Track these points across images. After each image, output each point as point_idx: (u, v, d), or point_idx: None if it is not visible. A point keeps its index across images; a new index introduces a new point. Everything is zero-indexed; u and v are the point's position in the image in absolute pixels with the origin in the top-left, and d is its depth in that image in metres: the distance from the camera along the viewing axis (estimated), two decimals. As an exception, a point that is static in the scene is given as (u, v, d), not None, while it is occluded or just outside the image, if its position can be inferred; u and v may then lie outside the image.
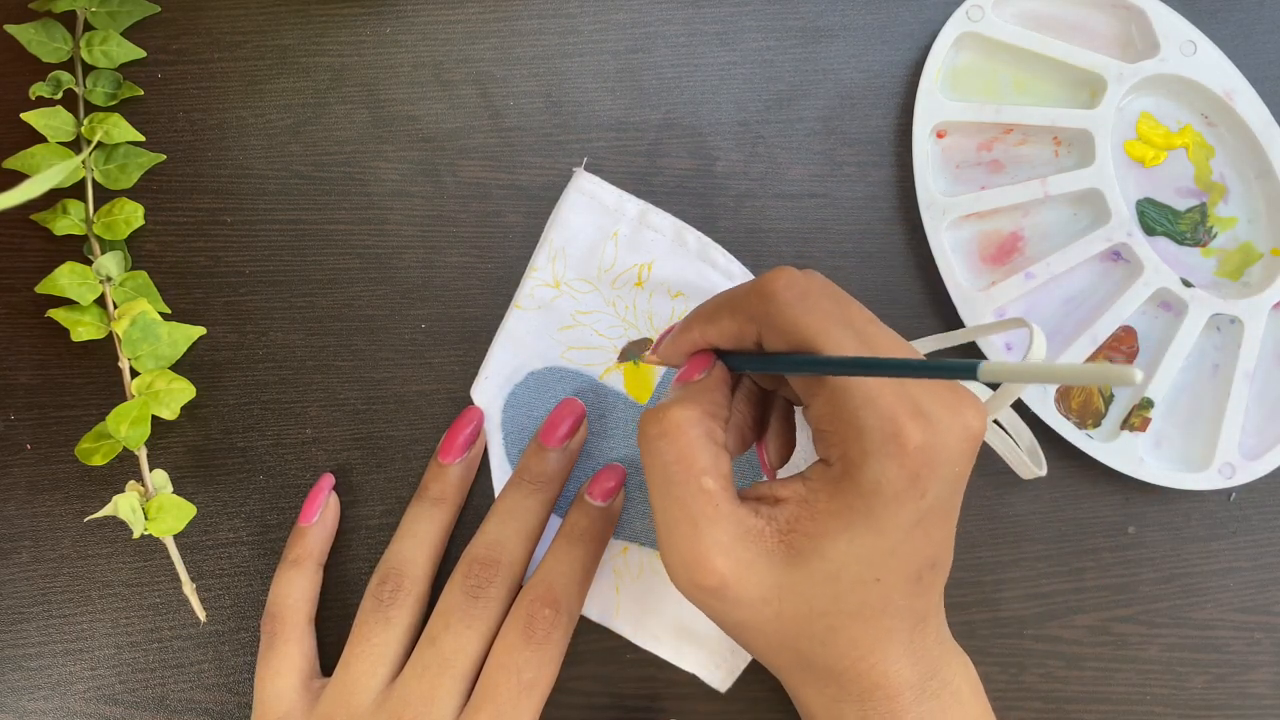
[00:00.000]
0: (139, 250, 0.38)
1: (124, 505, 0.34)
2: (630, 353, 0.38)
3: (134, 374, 0.36)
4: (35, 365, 0.38)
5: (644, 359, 0.37)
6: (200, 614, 0.36)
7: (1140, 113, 0.39)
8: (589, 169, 0.39)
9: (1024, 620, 0.38)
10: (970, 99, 0.39)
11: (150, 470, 0.36)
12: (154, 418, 0.36)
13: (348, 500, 0.37)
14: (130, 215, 0.37)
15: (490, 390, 0.38)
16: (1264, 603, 0.38)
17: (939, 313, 0.39)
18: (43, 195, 0.33)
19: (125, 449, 0.35)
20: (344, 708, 0.32)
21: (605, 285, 0.38)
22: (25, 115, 0.36)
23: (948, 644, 0.30)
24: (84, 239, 0.38)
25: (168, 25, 0.39)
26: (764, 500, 0.28)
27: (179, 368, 0.37)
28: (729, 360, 0.30)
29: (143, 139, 0.38)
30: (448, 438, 0.36)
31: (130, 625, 0.37)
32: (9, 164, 0.37)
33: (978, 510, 0.38)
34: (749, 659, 0.36)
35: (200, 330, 0.38)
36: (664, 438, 0.28)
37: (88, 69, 0.38)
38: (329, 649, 0.36)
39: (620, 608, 0.37)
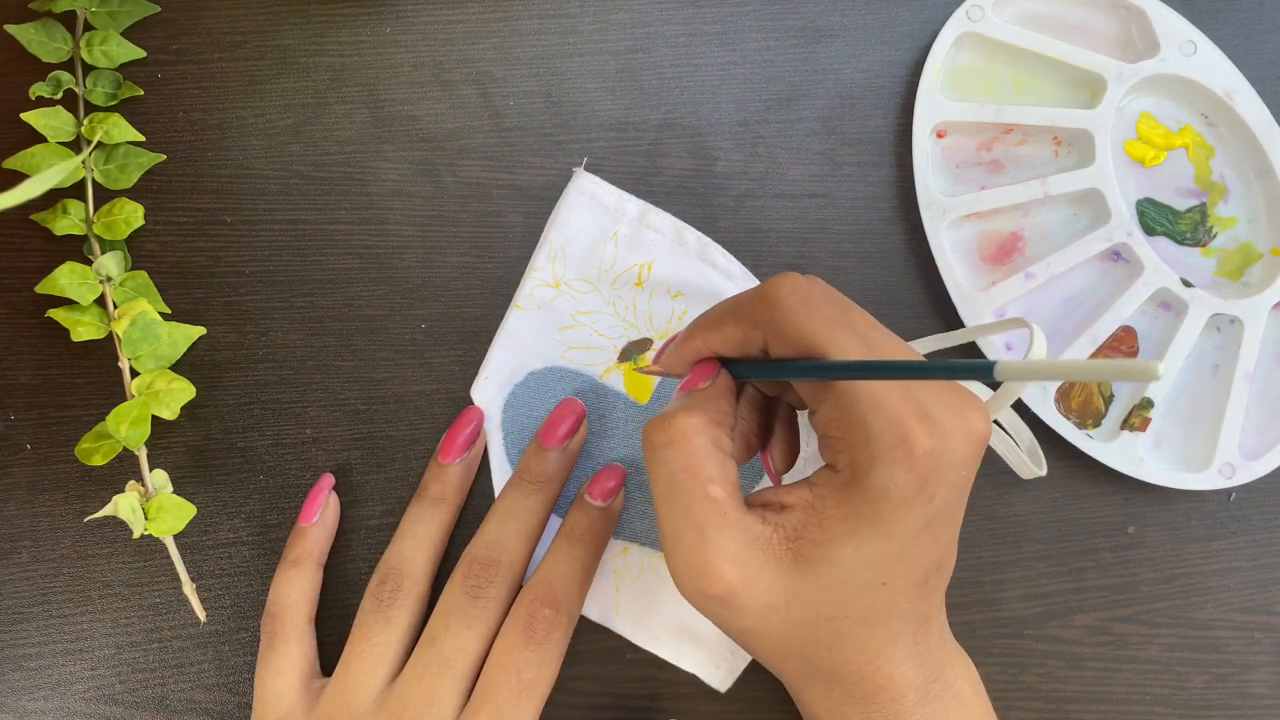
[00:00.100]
0: (139, 250, 0.38)
1: (124, 505, 0.34)
2: (630, 353, 0.38)
3: (134, 374, 0.36)
4: (35, 365, 0.38)
5: (645, 369, 0.37)
6: (200, 614, 0.36)
7: (1140, 113, 0.39)
8: (589, 169, 0.39)
9: (1024, 620, 0.38)
10: (970, 99, 0.39)
11: (150, 470, 0.36)
12: (154, 418, 0.36)
13: (348, 500, 0.37)
14: (130, 215, 0.37)
15: (490, 390, 0.37)
16: (1264, 603, 0.38)
17: (939, 313, 0.39)
18: (43, 195, 0.33)
19: (125, 449, 0.35)
20: (344, 708, 0.32)
21: (605, 285, 0.38)
22: (25, 115, 0.36)
23: (950, 645, 0.30)
24: (84, 239, 0.38)
25: (168, 25, 0.39)
26: (770, 507, 0.28)
27: (179, 368, 0.37)
28: (732, 368, 0.30)
29: (143, 139, 0.38)
30: (448, 438, 0.36)
31: (130, 625, 0.37)
32: (9, 164, 0.37)
33: (978, 510, 0.38)
34: (749, 659, 0.36)
35: (200, 330, 0.38)
36: (670, 446, 0.28)
37: (88, 69, 0.38)
38: (329, 649, 0.36)
39: (620, 608, 0.37)
